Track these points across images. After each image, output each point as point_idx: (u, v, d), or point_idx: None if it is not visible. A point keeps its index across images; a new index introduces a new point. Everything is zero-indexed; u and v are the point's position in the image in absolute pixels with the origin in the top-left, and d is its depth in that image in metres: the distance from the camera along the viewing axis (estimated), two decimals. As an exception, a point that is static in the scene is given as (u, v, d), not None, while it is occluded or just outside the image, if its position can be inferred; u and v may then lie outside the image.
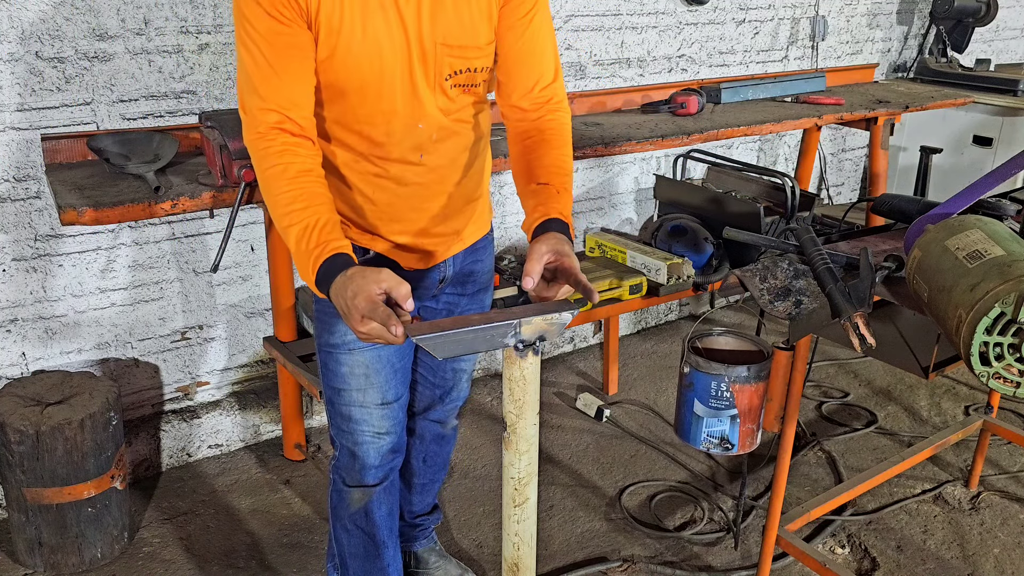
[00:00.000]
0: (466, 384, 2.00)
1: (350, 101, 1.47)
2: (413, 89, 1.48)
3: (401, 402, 1.77)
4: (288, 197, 1.39)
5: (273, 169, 1.40)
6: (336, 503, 1.84)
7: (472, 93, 1.56)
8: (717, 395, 1.88)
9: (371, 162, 1.54)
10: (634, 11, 3.26)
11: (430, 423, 2.02)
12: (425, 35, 1.44)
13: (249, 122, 1.43)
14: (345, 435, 1.75)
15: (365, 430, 1.73)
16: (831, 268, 1.65)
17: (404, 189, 1.58)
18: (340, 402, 1.72)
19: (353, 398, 1.71)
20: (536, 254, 1.35)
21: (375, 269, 1.29)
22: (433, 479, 2.11)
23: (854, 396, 3.24)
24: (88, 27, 2.22)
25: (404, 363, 1.75)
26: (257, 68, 1.39)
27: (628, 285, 2.60)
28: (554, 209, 1.47)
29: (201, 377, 2.74)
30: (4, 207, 2.26)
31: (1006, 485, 2.69)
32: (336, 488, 1.83)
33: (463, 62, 1.50)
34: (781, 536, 2.03)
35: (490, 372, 3.36)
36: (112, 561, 2.30)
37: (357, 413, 1.72)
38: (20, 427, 2.07)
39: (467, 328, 1.21)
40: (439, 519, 2.22)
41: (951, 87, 4.00)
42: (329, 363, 1.70)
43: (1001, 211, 1.87)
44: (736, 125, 2.89)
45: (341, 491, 1.81)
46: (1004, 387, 1.32)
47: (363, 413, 1.72)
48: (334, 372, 1.70)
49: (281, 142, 1.41)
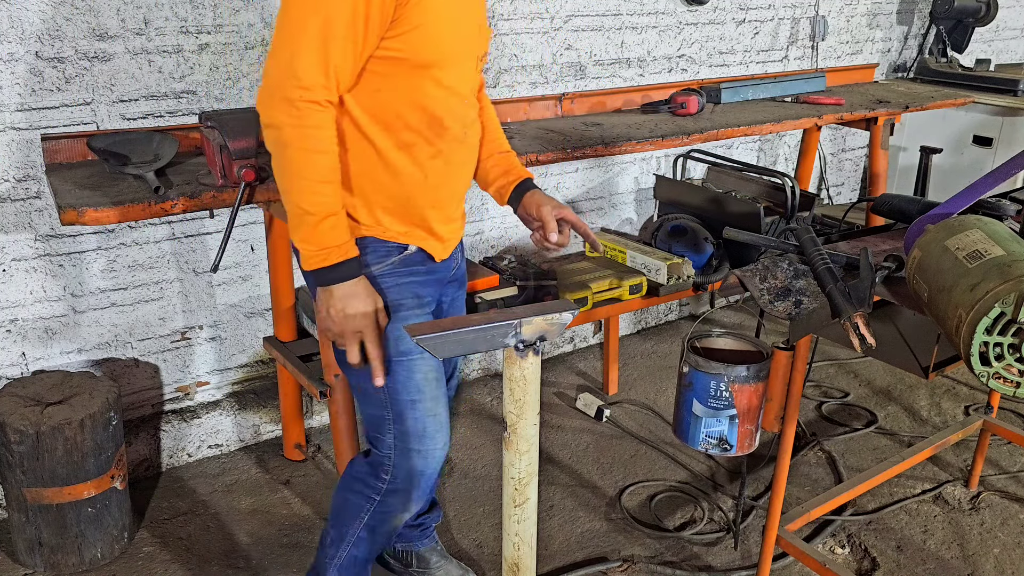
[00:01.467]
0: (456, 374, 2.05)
1: (432, 74, 1.49)
2: (473, 62, 1.60)
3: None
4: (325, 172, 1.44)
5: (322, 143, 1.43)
6: (376, 523, 1.75)
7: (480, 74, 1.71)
8: (716, 395, 1.88)
9: (429, 142, 1.56)
10: (634, 11, 3.26)
11: None
12: (478, 12, 1.58)
13: (297, 86, 1.38)
14: (415, 455, 1.63)
15: (438, 444, 1.65)
16: (831, 268, 1.65)
17: (451, 169, 1.62)
18: (414, 416, 1.60)
19: (428, 408, 1.61)
20: (546, 212, 1.69)
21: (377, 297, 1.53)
22: None
23: (854, 396, 3.24)
24: (88, 27, 2.22)
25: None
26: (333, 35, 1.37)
27: (628, 285, 2.60)
28: (524, 172, 1.77)
29: (201, 377, 2.74)
30: (4, 207, 2.26)
31: (1006, 485, 2.70)
32: (386, 511, 1.73)
33: (487, 41, 1.65)
34: (781, 536, 2.03)
35: (490, 372, 3.36)
36: (112, 561, 2.30)
37: (432, 426, 1.63)
38: (20, 427, 2.07)
39: (467, 328, 1.21)
40: (439, 517, 2.22)
41: (951, 87, 4.00)
42: (400, 373, 1.59)
43: (1001, 211, 1.87)
44: (736, 125, 2.89)
45: (389, 514, 1.73)
46: (1004, 387, 1.32)
47: (436, 425, 1.63)
48: (405, 382, 1.59)
49: (331, 116, 1.44)
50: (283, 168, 1.44)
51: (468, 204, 3.08)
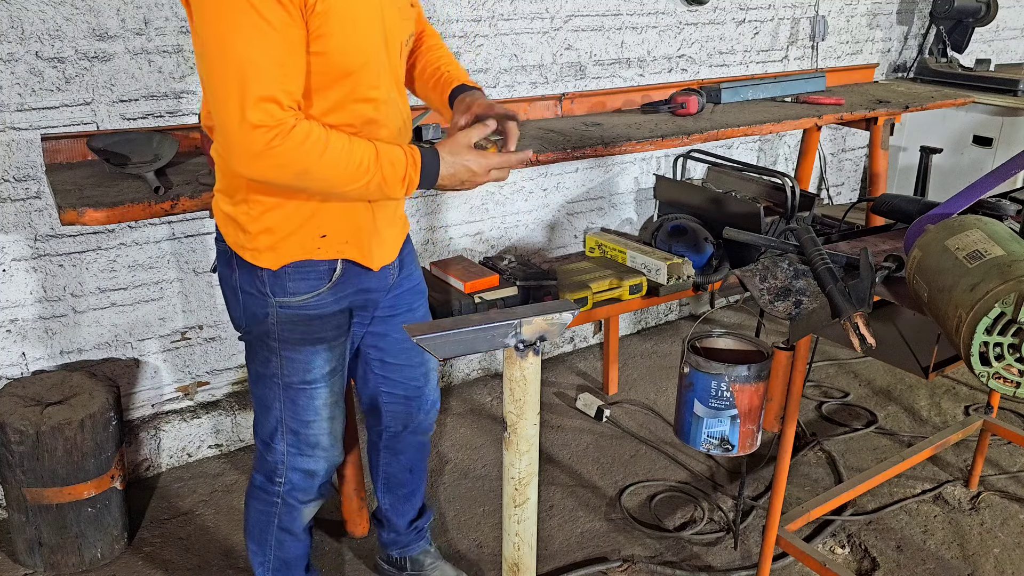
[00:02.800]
0: (437, 385, 2.02)
1: (352, 80, 1.47)
2: (391, 59, 1.54)
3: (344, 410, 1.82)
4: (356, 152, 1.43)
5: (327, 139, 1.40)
6: (286, 522, 1.84)
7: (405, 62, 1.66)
8: (717, 395, 1.88)
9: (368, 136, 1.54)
10: (634, 11, 3.26)
11: (416, 437, 2.03)
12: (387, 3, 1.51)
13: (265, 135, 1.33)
14: (306, 459, 1.77)
15: (329, 450, 1.78)
16: (831, 268, 1.65)
17: None
18: (310, 432, 1.74)
19: (323, 427, 1.74)
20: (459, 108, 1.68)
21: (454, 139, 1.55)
22: (419, 483, 2.12)
23: (854, 396, 3.24)
24: (88, 27, 2.22)
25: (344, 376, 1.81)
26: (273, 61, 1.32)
27: (628, 285, 2.60)
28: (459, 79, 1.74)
29: (201, 377, 2.74)
30: (4, 207, 2.26)
31: (1006, 485, 2.70)
32: (287, 506, 1.82)
33: (411, 25, 1.61)
34: (781, 536, 2.03)
35: (490, 372, 3.36)
36: (112, 561, 2.30)
37: (326, 440, 1.76)
38: (20, 427, 2.07)
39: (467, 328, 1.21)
40: (431, 516, 2.22)
41: (951, 87, 4.00)
42: (301, 399, 1.70)
43: (1001, 211, 1.87)
44: (736, 125, 2.89)
45: (294, 508, 1.83)
46: (1004, 387, 1.32)
47: (330, 440, 1.77)
48: (306, 407, 1.71)
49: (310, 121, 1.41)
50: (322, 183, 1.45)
51: (467, 204, 3.08)
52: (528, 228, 3.28)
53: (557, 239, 3.39)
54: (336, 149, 1.40)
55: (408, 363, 1.91)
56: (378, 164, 1.45)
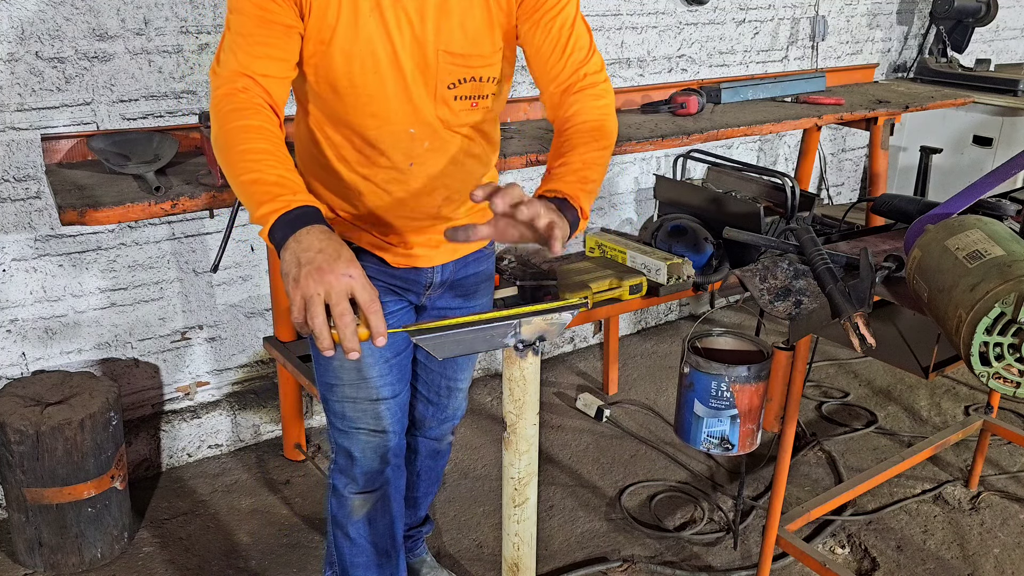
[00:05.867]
0: (463, 401, 1.94)
1: (342, 100, 1.45)
2: (407, 95, 1.45)
3: (399, 400, 1.71)
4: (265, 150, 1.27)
5: (249, 123, 1.30)
6: (336, 511, 1.78)
7: (480, 108, 1.51)
8: (717, 395, 1.88)
9: (364, 156, 1.51)
10: (634, 11, 3.25)
11: (426, 440, 1.98)
12: (429, 42, 1.41)
13: (219, 82, 1.36)
14: (342, 435, 1.69)
15: (361, 428, 1.68)
16: (831, 268, 1.65)
17: (390, 197, 1.55)
18: (334, 398, 1.67)
19: (346, 393, 1.65)
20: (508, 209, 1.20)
21: (352, 254, 1.15)
22: (427, 492, 2.10)
23: (854, 396, 3.24)
24: (88, 27, 2.22)
25: (400, 358, 1.69)
26: (242, 36, 1.35)
27: (628, 285, 2.60)
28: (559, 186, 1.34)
29: (201, 377, 2.74)
30: (4, 207, 2.26)
31: (1006, 485, 2.69)
32: (336, 494, 1.76)
33: (466, 71, 1.46)
34: (781, 536, 2.03)
35: (490, 372, 3.36)
36: (112, 561, 2.30)
37: (351, 410, 1.67)
38: (20, 427, 2.07)
39: (467, 328, 1.21)
40: (430, 529, 2.21)
41: (951, 87, 3.99)
42: (320, 357, 1.64)
43: (1001, 211, 1.87)
44: (736, 125, 2.89)
45: (341, 498, 1.75)
46: (1004, 387, 1.32)
47: (357, 410, 1.67)
48: (326, 366, 1.64)
49: (258, 102, 1.35)
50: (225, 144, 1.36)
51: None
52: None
53: (557, 239, 3.38)
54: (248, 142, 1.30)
55: (437, 370, 1.85)
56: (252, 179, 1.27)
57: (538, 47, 1.48)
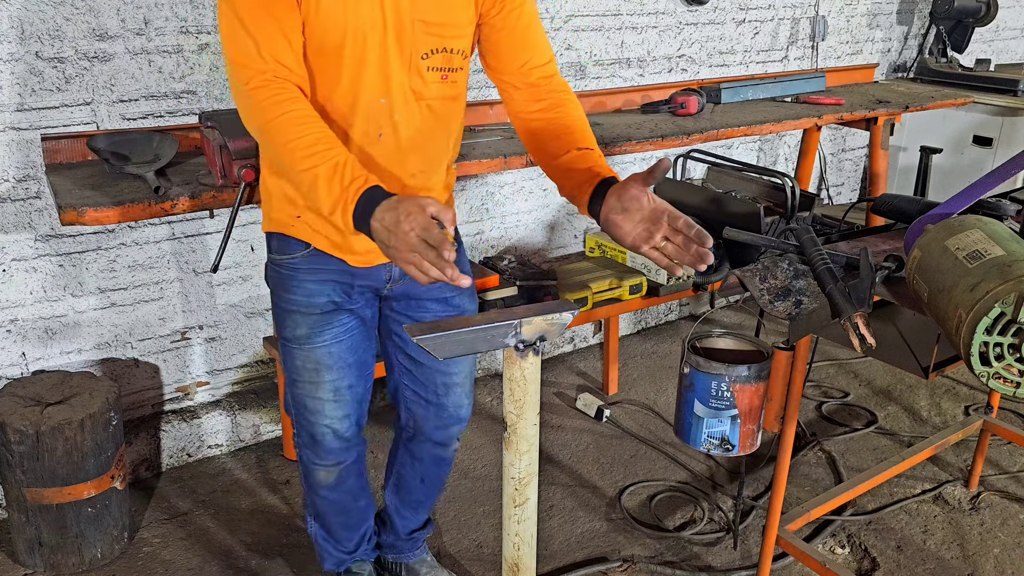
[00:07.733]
0: (463, 399, 1.91)
1: (319, 65, 1.47)
2: (381, 62, 1.49)
3: (356, 391, 1.81)
4: (310, 139, 1.38)
5: (288, 115, 1.39)
6: (306, 474, 1.92)
7: (450, 82, 1.57)
8: (717, 395, 1.88)
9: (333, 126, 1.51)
10: (634, 11, 3.26)
11: (431, 445, 1.96)
12: (405, 10, 1.46)
13: (243, 73, 1.40)
14: (304, 420, 1.81)
15: (319, 420, 1.79)
16: (831, 268, 1.65)
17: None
18: (296, 392, 1.79)
19: (307, 390, 1.77)
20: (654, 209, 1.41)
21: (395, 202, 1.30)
22: (429, 496, 2.09)
23: (854, 396, 3.24)
24: (88, 27, 2.22)
25: (358, 357, 1.78)
26: (253, 20, 1.38)
27: (628, 285, 2.60)
28: (606, 169, 1.51)
29: (201, 377, 2.74)
30: (4, 207, 2.26)
31: (1006, 485, 2.70)
32: (303, 465, 1.91)
33: (439, 40, 1.52)
34: (781, 536, 2.03)
35: (490, 372, 3.36)
36: (112, 561, 2.30)
37: (311, 404, 1.78)
38: (20, 427, 2.07)
39: (467, 328, 1.21)
40: (431, 530, 2.21)
41: (951, 87, 4.00)
42: (285, 355, 1.77)
43: (1001, 211, 1.87)
44: (736, 125, 2.89)
45: (308, 466, 1.89)
46: (1004, 387, 1.32)
47: (317, 404, 1.78)
48: (289, 365, 1.77)
49: (290, 89, 1.41)
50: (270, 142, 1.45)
51: (467, 204, 3.08)
52: (528, 228, 3.29)
53: (557, 239, 3.39)
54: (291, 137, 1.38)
55: (431, 365, 1.84)
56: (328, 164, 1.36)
57: (511, 30, 1.60)
